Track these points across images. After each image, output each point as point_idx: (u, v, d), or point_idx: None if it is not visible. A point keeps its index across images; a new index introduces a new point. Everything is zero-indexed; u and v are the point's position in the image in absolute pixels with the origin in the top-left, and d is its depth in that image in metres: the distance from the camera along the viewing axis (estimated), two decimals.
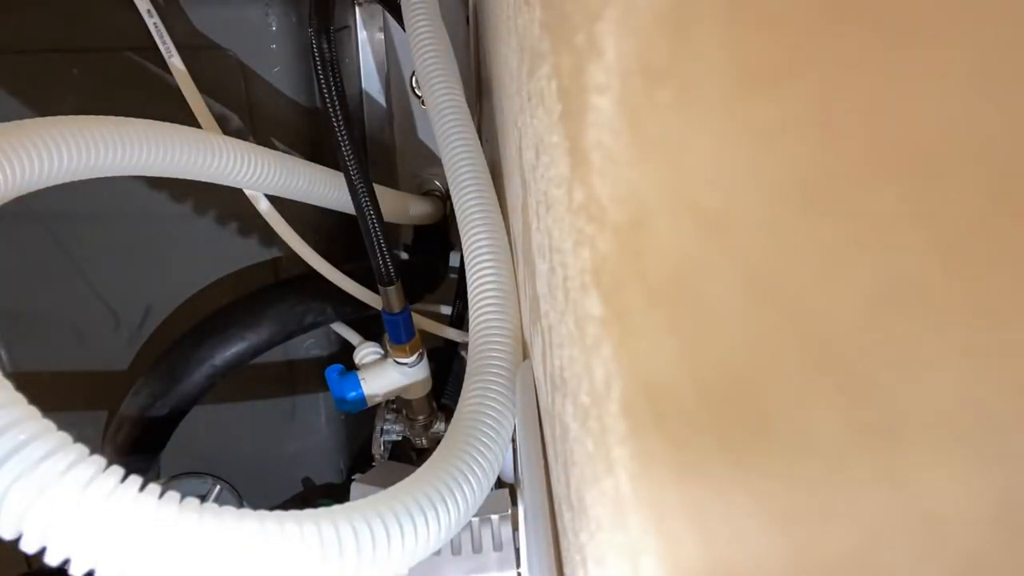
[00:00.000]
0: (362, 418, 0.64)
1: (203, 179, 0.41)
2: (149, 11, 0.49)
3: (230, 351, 0.56)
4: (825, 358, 0.10)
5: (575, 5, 0.20)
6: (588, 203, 0.20)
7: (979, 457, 0.07)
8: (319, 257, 0.52)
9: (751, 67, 0.11)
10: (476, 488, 0.31)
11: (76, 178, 0.32)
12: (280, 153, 0.46)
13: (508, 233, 0.43)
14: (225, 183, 0.42)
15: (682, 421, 0.15)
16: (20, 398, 0.22)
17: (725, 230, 0.12)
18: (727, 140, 0.12)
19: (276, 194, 0.48)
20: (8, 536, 0.21)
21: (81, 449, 0.22)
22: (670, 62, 0.14)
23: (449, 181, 0.45)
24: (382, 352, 0.56)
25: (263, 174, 0.44)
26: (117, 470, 0.23)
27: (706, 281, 0.13)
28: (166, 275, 0.61)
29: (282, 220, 0.50)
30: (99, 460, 0.22)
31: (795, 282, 0.10)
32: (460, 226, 0.44)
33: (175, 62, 0.49)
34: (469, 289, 0.42)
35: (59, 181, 0.31)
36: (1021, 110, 0.06)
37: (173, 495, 0.23)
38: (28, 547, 0.21)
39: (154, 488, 0.23)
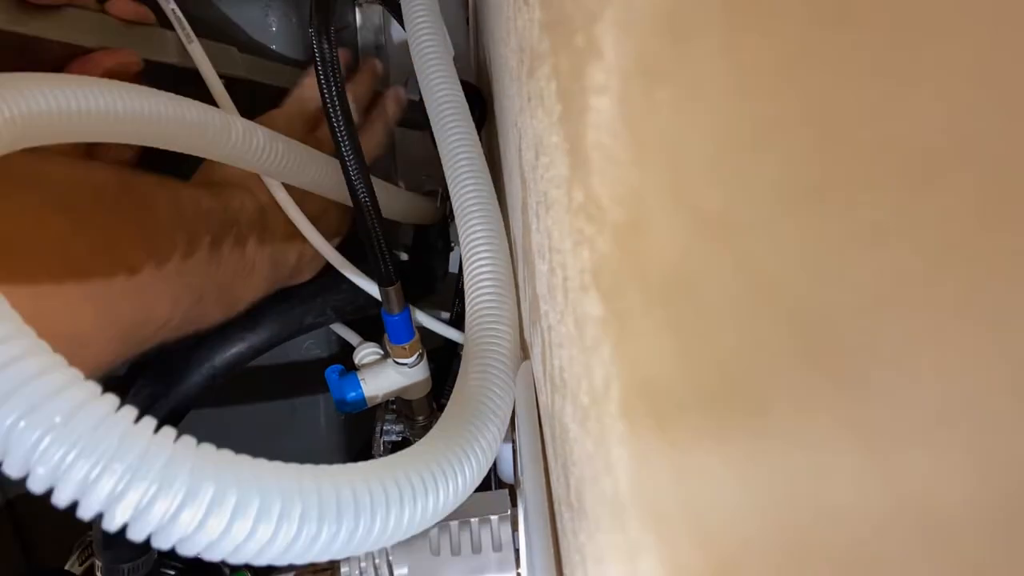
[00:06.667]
0: (362, 419, 0.64)
1: (217, 158, 0.40)
2: (173, 10, 0.49)
3: (229, 352, 0.56)
4: (824, 358, 0.10)
5: (575, 5, 0.20)
6: (588, 203, 0.20)
7: (979, 457, 0.07)
8: (333, 250, 0.52)
9: (750, 67, 0.11)
10: (482, 461, 0.31)
11: (83, 139, 0.32)
12: (295, 141, 0.46)
13: (508, 234, 0.43)
14: (240, 165, 0.42)
15: (681, 421, 0.15)
16: (45, 345, 0.21)
17: (725, 230, 0.12)
18: (726, 140, 0.12)
19: (289, 181, 0.47)
20: (16, 474, 0.19)
21: (93, 387, 0.21)
22: (669, 63, 0.14)
23: (447, 177, 0.45)
24: (382, 352, 0.56)
25: (278, 156, 0.43)
26: (131, 410, 0.21)
27: (705, 281, 0.13)
28: None
29: (301, 213, 0.50)
30: (113, 398, 0.21)
31: (794, 282, 0.10)
32: (457, 220, 0.44)
33: (195, 48, 0.49)
34: (466, 278, 0.42)
35: (66, 140, 0.31)
36: (1021, 109, 0.06)
37: (189, 439, 0.23)
38: (36, 486, 0.19)
39: (169, 432, 0.22)
